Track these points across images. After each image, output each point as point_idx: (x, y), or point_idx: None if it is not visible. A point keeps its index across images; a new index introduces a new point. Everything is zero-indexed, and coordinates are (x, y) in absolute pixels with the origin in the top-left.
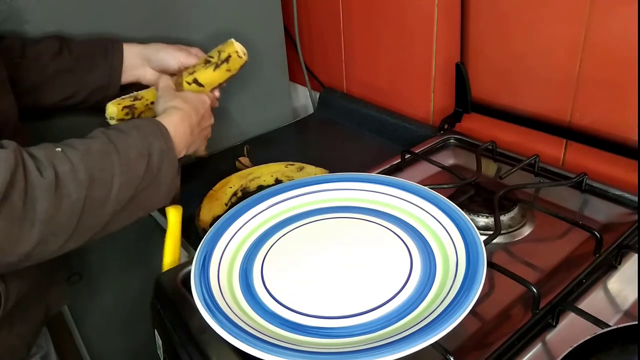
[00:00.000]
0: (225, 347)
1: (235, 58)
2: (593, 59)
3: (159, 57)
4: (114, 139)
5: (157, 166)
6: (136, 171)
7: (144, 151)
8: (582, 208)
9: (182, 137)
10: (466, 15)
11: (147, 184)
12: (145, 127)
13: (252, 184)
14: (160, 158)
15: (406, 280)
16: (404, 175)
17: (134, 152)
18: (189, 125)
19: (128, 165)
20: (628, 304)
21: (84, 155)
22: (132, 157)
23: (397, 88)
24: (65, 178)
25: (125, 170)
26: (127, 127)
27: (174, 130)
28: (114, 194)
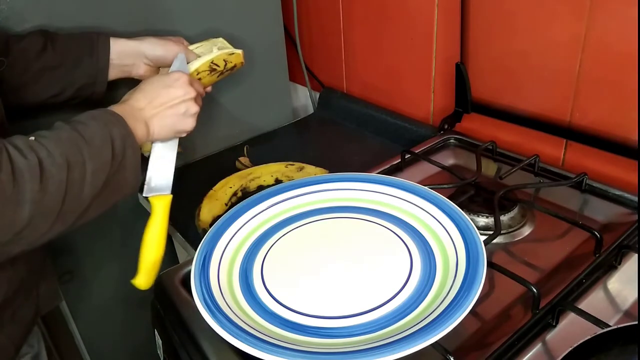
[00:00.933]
0: (225, 347)
1: (238, 68)
2: (593, 59)
3: (156, 52)
4: (77, 128)
5: (121, 152)
6: (104, 157)
7: (107, 138)
8: (582, 208)
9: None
10: (466, 15)
11: (115, 169)
12: (102, 116)
13: (252, 184)
14: (122, 143)
15: (406, 280)
16: (404, 175)
17: (97, 139)
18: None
19: (95, 151)
20: (628, 304)
21: (56, 142)
22: (97, 144)
23: (397, 88)
24: (46, 162)
25: (95, 156)
26: (84, 118)
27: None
28: (88, 178)
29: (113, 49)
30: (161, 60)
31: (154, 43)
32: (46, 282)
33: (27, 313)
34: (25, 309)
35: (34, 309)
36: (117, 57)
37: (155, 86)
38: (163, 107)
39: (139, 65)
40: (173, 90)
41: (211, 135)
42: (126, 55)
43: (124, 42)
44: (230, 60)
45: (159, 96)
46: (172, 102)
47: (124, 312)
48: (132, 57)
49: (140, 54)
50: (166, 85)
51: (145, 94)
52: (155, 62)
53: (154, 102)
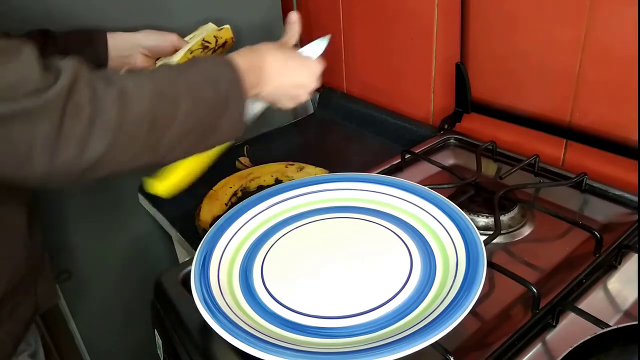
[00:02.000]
0: (225, 347)
1: (230, 44)
2: (593, 59)
3: (152, 40)
4: (183, 65)
5: (224, 95)
6: (203, 95)
7: (212, 77)
8: (582, 208)
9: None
10: (466, 15)
11: (215, 111)
12: (215, 59)
13: (252, 184)
14: (228, 88)
15: (406, 280)
16: (404, 175)
17: (200, 76)
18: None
19: (195, 87)
20: (628, 304)
21: (150, 75)
22: (198, 80)
23: (397, 88)
24: (131, 92)
25: (193, 91)
26: (195, 59)
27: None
28: (181, 112)
29: (110, 42)
30: (158, 50)
31: (149, 33)
32: (45, 280)
33: (25, 310)
34: (24, 306)
35: (32, 307)
36: (114, 49)
37: (293, 58)
38: (285, 81)
39: (136, 55)
40: (305, 73)
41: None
42: (123, 47)
43: (120, 34)
44: (220, 35)
45: (290, 70)
46: (296, 82)
47: (124, 312)
48: (129, 48)
49: (137, 45)
50: (303, 65)
51: (279, 57)
52: (152, 51)
53: (282, 70)
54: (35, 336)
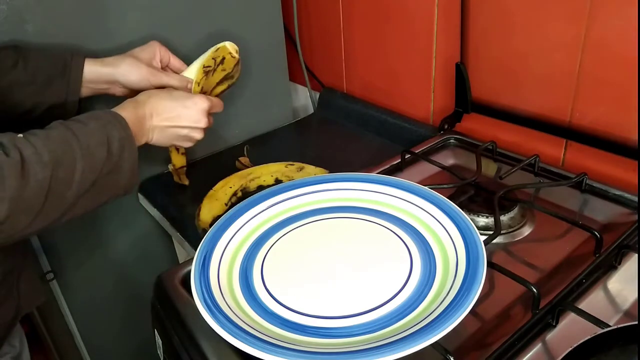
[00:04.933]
0: (225, 347)
1: (230, 59)
2: (593, 59)
3: (130, 79)
4: (73, 128)
5: (117, 153)
6: (97, 156)
7: (104, 139)
8: (582, 208)
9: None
10: (466, 15)
11: (108, 169)
12: (103, 117)
13: (252, 184)
14: (121, 145)
15: (406, 280)
16: (404, 175)
17: (93, 139)
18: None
19: (88, 150)
20: (628, 304)
21: (45, 140)
22: (91, 143)
23: (397, 88)
24: (30, 159)
25: (86, 155)
26: (85, 118)
27: (134, 119)
28: (77, 176)
29: (86, 73)
30: (136, 86)
31: (129, 69)
32: (28, 280)
33: (7, 312)
34: (6, 307)
35: (14, 309)
36: (89, 81)
37: (174, 100)
38: (169, 123)
39: (114, 89)
40: (187, 113)
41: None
42: (99, 81)
43: (99, 67)
44: (218, 55)
45: (173, 113)
46: (179, 124)
47: (124, 312)
48: (105, 82)
49: (114, 81)
50: (184, 106)
51: (161, 103)
52: (130, 87)
53: (163, 114)
54: (20, 337)
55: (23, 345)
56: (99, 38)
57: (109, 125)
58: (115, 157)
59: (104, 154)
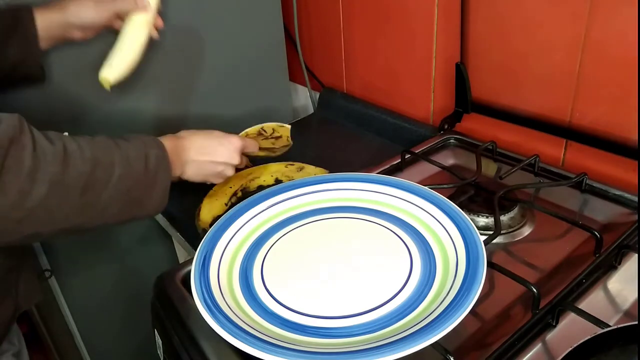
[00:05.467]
0: (225, 347)
1: (284, 141)
2: (593, 59)
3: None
4: (115, 139)
5: (154, 169)
6: (135, 167)
7: (142, 153)
8: (582, 208)
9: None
10: (466, 15)
11: (144, 183)
12: (144, 137)
13: (252, 184)
14: (157, 163)
15: (406, 280)
16: (404, 175)
17: (133, 152)
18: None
19: (127, 160)
20: (628, 304)
21: (89, 141)
22: (131, 155)
23: (397, 88)
24: (73, 153)
25: (125, 164)
26: (127, 135)
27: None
28: (114, 180)
29: (39, 23)
30: (91, 24)
31: (78, 8)
32: (26, 280)
33: (6, 310)
34: (5, 305)
35: (13, 307)
36: (44, 30)
37: (211, 138)
38: (205, 158)
39: (72, 32)
40: (222, 150)
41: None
42: (53, 28)
43: (48, 14)
44: (278, 130)
45: (208, 149)
46: (215, 159)
47: (124, 312)
48: (59, 28)
49: (68, 24)
50: (220, 143)
51: (199, 139)
52: (86, 27)
53: (201, 150)
54: (18, 335)
55: (21, 342)
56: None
57: (148, 144)
58: (151, 173)
59: (141, 167)
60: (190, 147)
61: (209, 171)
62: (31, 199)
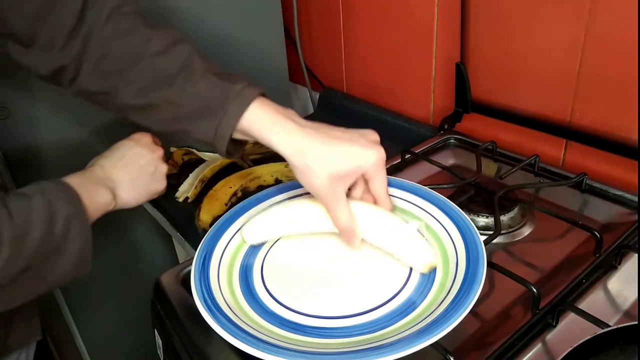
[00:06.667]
0: (225, 347)
1: None
2: (593, 59)
3: None
4: (10, 204)
5: (61, 233)
6: (31, 238)
7: (45, 217)
8: (582, 208)
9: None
10: (466, 15)
11: (45, 254)
12: (50, 190)
13: (252, 184)
14: (66, 225)
15: (406, 280)
16: (404, 175)
17: (32, 217)
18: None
19: (22, 231)
20: (628, 304)
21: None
22: (28, 223)
23: (397, 88)
24: None
25: (17, 238)
26: (31, 189)
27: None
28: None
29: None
30: None
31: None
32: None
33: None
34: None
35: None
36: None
37: (119, 148)
38: (130, 168)
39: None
40: (137, 150)
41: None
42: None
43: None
44: None
45: (124, 158)
46: (138, 164)
47: (124, 312)
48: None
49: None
50: (129, 147)
51: (110, 157)
52: None
53: (118, 164)
54: None
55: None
56: None
57: (55, 201)
58: (57, 239)
59: (43, 235)
60: (105, 169)
61: (142, 179)
62: None
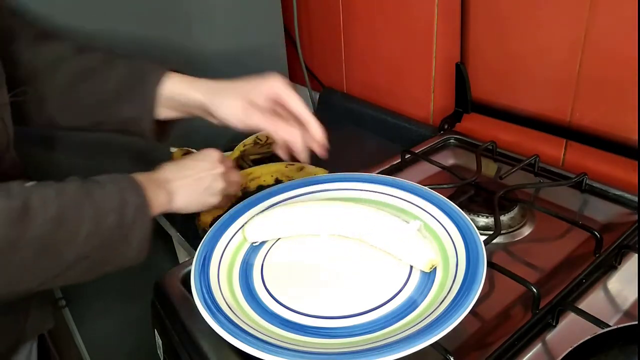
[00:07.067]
0: (225, 347)
1: None
2: (593, 59)
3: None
4: (89, 186)
5: (130, 222)
6: (107, 222)
7: (117, 203)
8: (582, 208)
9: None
10: (466, 15)
11: (117, 239)
12: (120, 181)
13: (252, 184)
14: (135, 215)
15: (406, 280)
16: (404, 175)
17: (107, 203)
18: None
19: (99, 214)
20: (628, 304)
21: (57, 194)
22: (105, 207)
23: (397, 88)
24: (33, 211)
25: (96, 220)
26: (102, 178)
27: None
28: (80, 239)
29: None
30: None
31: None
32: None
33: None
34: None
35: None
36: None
37: (187, 159)
38: (189, 178)
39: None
40: (201, 163)
41: (212, 135)
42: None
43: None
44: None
45: (187, 167)
46: (198, 175)
47: (124, 312)
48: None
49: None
50: (196, 159)
51: (175, 165)
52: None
53: (180, 173)
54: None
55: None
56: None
57: (126, 191)
58: (126, 228)
59: (115, 221)
60: (168, 175)
61: (198, 190)
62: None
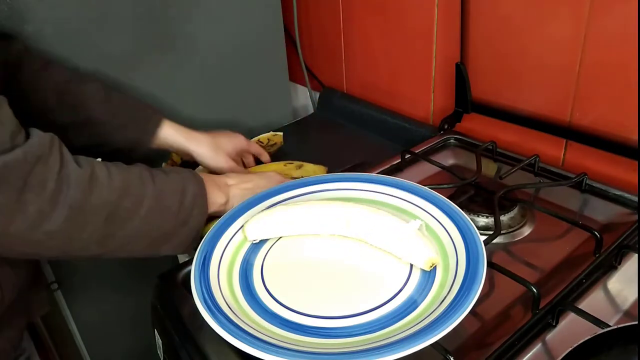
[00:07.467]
0: (225, 347)
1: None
2: (593, 59)
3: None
4: (152, 171)
5: (189, 207)
6: (168, 202)
7: (179, 188)
8: (582, 208)
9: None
10: (466, 15)
11: (176, 220)
12: (183, 172)
13: None
14: (194, 201)
15: (406, 280)
16: (404, 175)
17: (168, 185)
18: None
19: (161, 194)
20: (628, 304)
21: (123, 170)
22: (166, 189)
23: (397, 88)
24: (99, 179)
25: (158, 198)
26: (167, 168)
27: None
28: (142, 212)
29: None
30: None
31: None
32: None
33: (22, 317)
34: (21, 313)
35: (27, 314)
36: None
37: (250, 174)
38: (247, 190)
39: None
40: (262, 181)
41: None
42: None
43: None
44: (273, 139)
45: (248, 180)
46: (255, 190)
47: (123, 313)
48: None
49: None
50: (259, 176)
51: (238, 176)
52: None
53: (241, 182)
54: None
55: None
56: (99, 42)
57: (187, 180)
58: (185, 211)
59: (175, 203)
60: (230, 180)
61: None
62: (50, 222)
